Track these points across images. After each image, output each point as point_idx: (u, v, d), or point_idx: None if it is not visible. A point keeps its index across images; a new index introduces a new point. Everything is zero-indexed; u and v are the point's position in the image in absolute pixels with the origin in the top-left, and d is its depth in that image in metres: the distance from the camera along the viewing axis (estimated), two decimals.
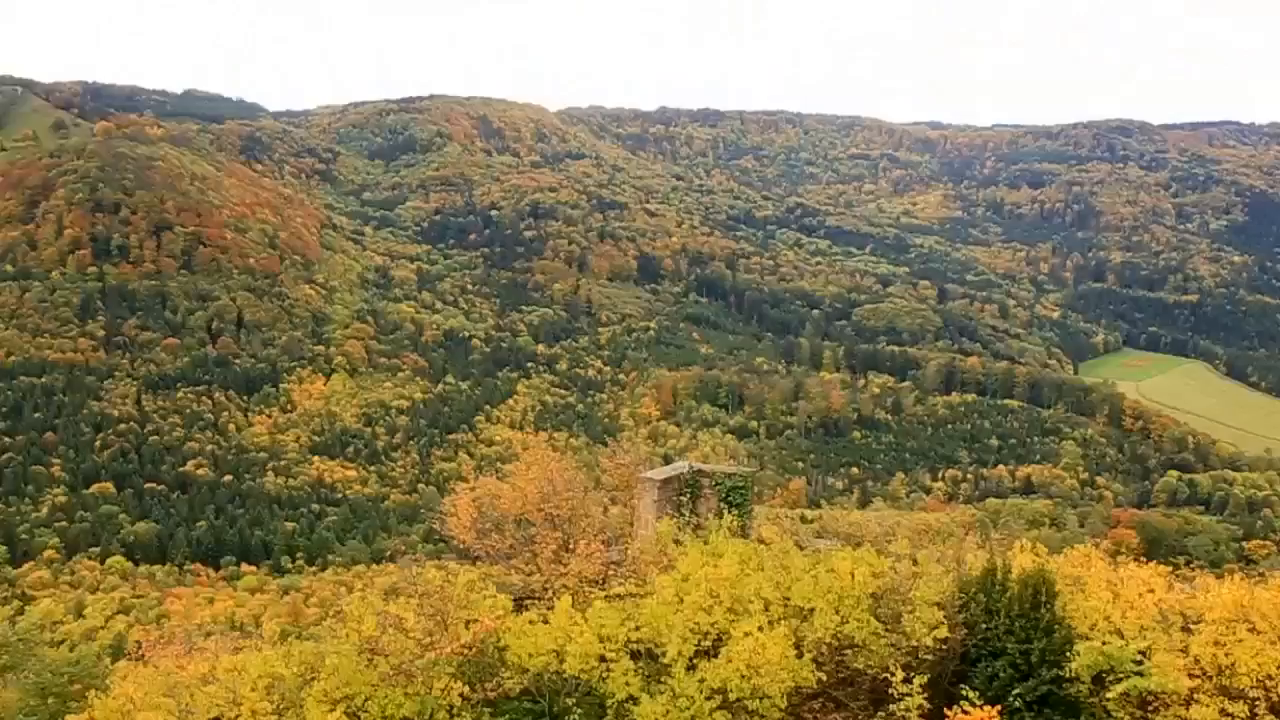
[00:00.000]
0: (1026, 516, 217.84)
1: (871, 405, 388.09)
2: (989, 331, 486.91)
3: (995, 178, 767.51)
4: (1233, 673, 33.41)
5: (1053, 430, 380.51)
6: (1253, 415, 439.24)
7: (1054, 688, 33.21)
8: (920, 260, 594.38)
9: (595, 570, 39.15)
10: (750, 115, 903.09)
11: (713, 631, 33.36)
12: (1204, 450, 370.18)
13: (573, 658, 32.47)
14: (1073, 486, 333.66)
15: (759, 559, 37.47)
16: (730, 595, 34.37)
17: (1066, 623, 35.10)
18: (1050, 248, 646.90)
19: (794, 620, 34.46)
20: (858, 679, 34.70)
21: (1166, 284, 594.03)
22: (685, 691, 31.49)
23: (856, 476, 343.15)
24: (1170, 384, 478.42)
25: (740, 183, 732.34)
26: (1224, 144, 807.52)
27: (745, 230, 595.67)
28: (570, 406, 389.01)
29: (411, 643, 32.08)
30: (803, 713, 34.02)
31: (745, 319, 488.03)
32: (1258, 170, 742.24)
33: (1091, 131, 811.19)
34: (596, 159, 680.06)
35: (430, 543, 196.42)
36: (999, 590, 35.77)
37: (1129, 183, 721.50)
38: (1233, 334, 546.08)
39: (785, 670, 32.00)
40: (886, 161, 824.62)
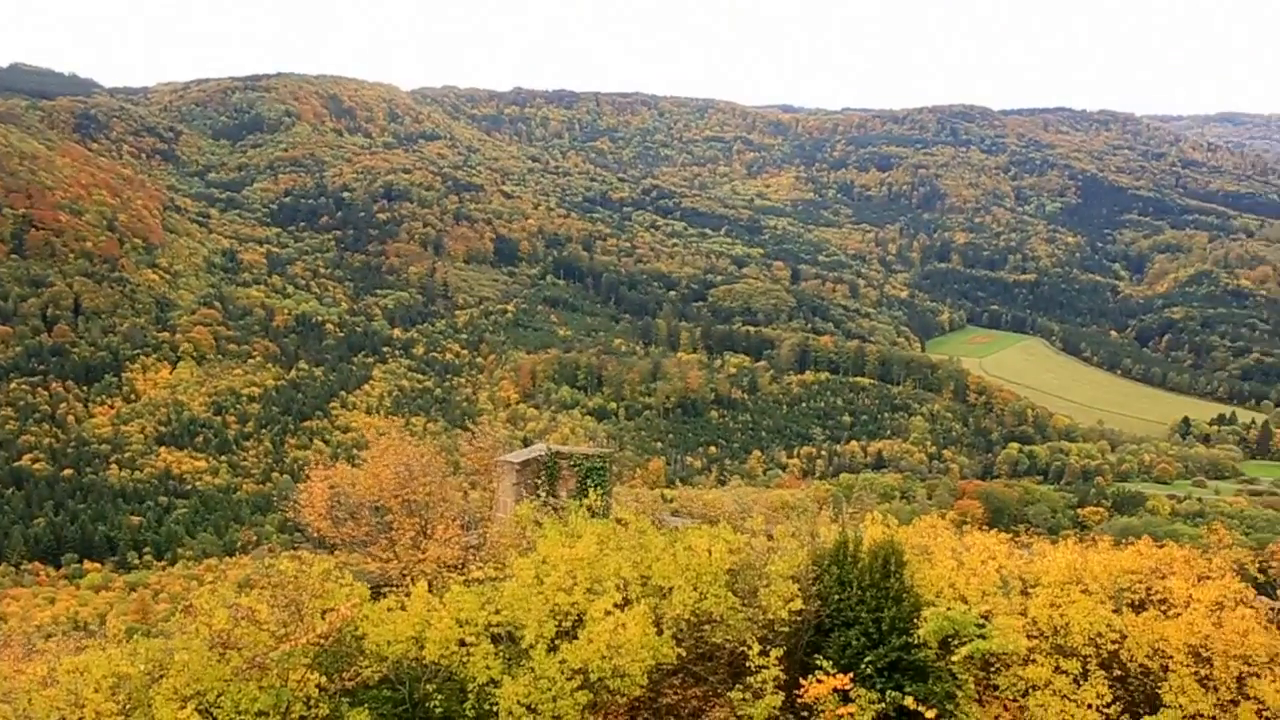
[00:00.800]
0: (878, 490, 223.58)
1: (728, 385, 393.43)
2: (841, 311, 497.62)
3: (845, 160, 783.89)
4: (1067, 632, 35.02)
5: (902, 406, 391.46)
6: (1086, 388, 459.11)
7: (903, 654, 34.22)
8: (774, 241, 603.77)
9: (454, 555, 38.94)
10: (606, 97, 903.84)
11: (573, 612, 33.47)
12: (1042, 423, 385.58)
13: (432, 644, 32.23)
14: (921, 460, 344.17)
15: (618, 539, 37.69)
16: (589, 576, 34.53)
17: (915, 591, 36.20)
18: (898, 229, 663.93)
19: (653, 598, 34.78)
20: (716, 653, 35.22)
21: (1006, 264, 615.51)
22: (546, 673, 31.55)
23: (714, 455, 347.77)
24: (1011, 360, 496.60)
25: (596, 165, 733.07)
26: (1058, 130, 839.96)
27: (602, 212, 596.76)
28: (428, 391, 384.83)
29: (265, 635, 31.38)
30: (663, 689, 34.40)
31: (603, 301, 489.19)
32: (1089, 155, 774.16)
33: (936, 116, 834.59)
34: (451, 140, 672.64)
35: (285, 533, 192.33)
36: (851, 562, 36.67)
37: (971, 166, 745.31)
38: (1067, 311, 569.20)
39: (645, 648, 32.30)
40: (740, 144, 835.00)
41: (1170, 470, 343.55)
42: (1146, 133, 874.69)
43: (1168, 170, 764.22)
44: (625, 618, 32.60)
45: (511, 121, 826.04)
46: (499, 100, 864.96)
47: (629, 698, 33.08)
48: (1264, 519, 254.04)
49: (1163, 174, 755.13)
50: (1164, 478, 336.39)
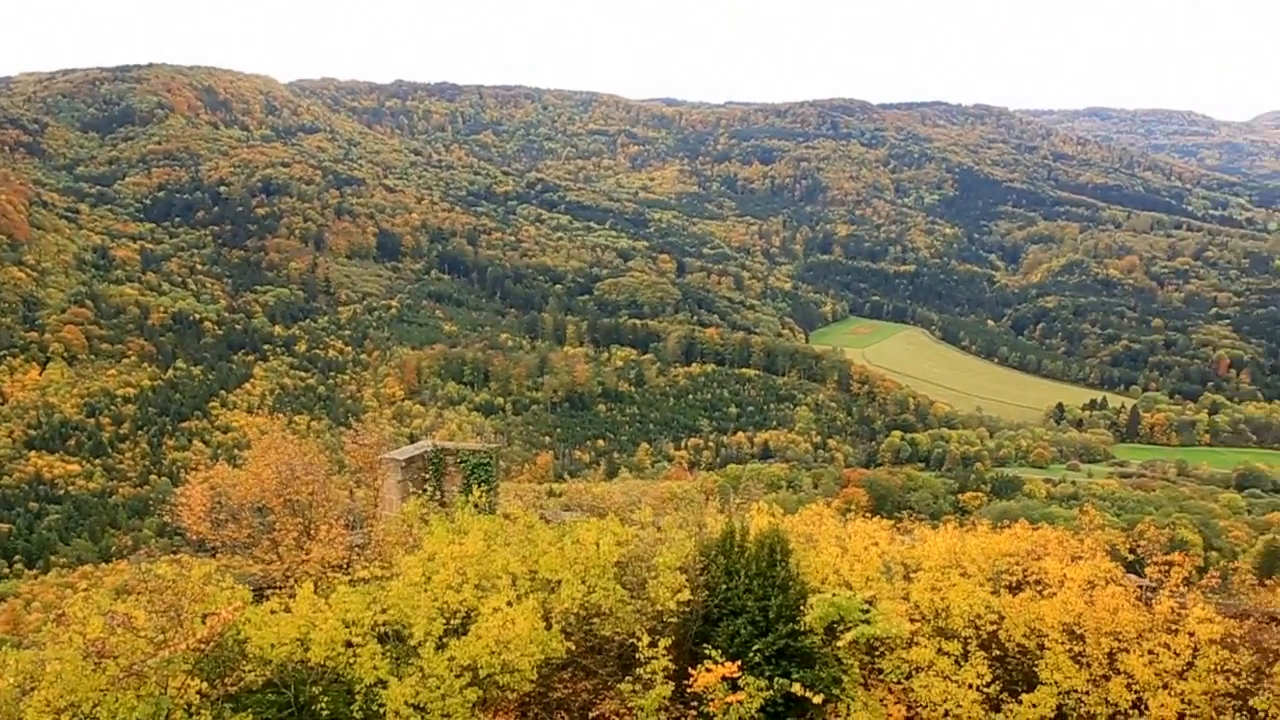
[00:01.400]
0: (765, 480, 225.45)
1: (615, 378, 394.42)
2: (726, 303, 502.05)
3: (729, 153, 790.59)
4: (948, 614, 35.85)
5: (787, 397, 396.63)
6: (965, 376, 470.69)
7: (790, 641, 34.64)
8: (659, 234, 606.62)
9: (339, 555, 38.31)
10: (489, 90, 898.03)
11: (461, 609, 33.22)
12: (923, 411, 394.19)
13: (317, 645, 31.69)
14: (807, 450, 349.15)
15: (505, 534, 37.54)
16: (477, 572, 34.31)
17: (800, 578, 36.67)
18: (781, 221, 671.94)
19: (542, 593, 34.69)
20: (606, 646, 35.27)
21: (887, 255, 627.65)
22: (435, 671, 31.27)
23: (602, 448, 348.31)
24: (892, 349, 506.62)
25: (480, 158, 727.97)
26: (935, 124, 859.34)
27: (486, 206, 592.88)
28: (311, 389, 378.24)
29: (143, 642, 30.51)
30: (553, 683, 34.33)
31: (488, 295, 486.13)
32: (965, 148, 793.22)
33: (817, 110, 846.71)
34: (331, 133, 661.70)
35: (164, 537, 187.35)
36: (738, 552, 36.99)
37: (852, 159, 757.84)
38: (946, 301, 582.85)
39: (534, 643, 32.21)
40: (625, 137, 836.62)
41: (1046, 455, 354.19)
42: (1020, 126, 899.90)
43: (1040, 163, 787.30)
44: (514, 613, 32.47)
45: (393, 114, 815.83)
46: (380, 93, 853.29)
47: (519, 693, 32.97)
48: (1134, 500, 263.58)
49: (1035, 167, 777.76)
50: (1040, 462, 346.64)
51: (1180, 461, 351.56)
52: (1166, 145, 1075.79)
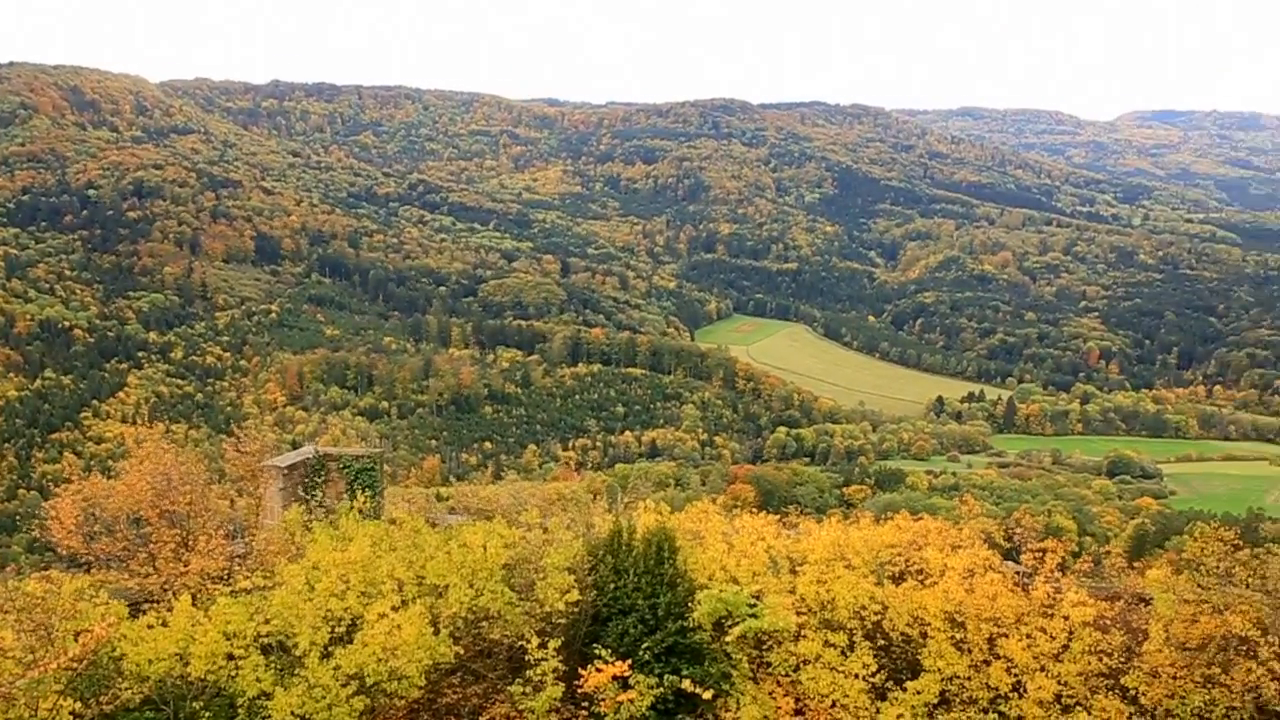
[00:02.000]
0: (653, 479, 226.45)
1: (501, 380, 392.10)
2: (611, 303, 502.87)
3: (611, 154, 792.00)
4: (833, 606, 36.43)
5: (674, 395, 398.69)
6: (847, 372, 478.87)
7: (679, 638, 34.86)
8: (543, 235, 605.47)
9: (219, 566, 37.37)
10: (368, 90, 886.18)
11: (346, 617, 32.72)
12: (808, 406, 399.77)
13: (198, 659, 30.93)
14: (694, 447, 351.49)
15: (391, 540, 37.08)
16: (362, 579, 33.83)
17: (688, 575, 36.92)
18: (665, 221, 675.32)
19: (429, 598, 34.35)
20: (495, 649, 35.07)
21: (769, 253, 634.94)
22: (321, 681, 30.75)
23: (489, 451, 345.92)
24: (776, 346, 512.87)
25: (360, 159, 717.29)
26: (814, 123, 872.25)
27: (367, 208, 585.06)
28: (189, 396, 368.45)
29: (11, 663, 29.40)
30: (442, 688, 34.03)
31: (371, 298, 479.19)
32: (844, 147, 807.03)
33: (699, 110, 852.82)
34: (205, 134, 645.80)
35: (34, 553, 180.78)
36: (625, 551, 37.08)
37: (734, 159, 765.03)
38: (828, 298, 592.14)
39: (422, 649, 31.88)
40: (507, 138, 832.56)
41: (927, 447, 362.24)
42: (896, 126, 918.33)
43: (916, 162, 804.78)
44: (401, 619, 32.10)
45: (270, 115, 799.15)
46: (255, 93, 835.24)
47: (408, 700, 32.62)
48: (1011, 489, 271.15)
49: (912, 165, 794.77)
50: (921, 454, 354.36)
51: (1055, 450, 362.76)
52: (1036, 144, 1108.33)
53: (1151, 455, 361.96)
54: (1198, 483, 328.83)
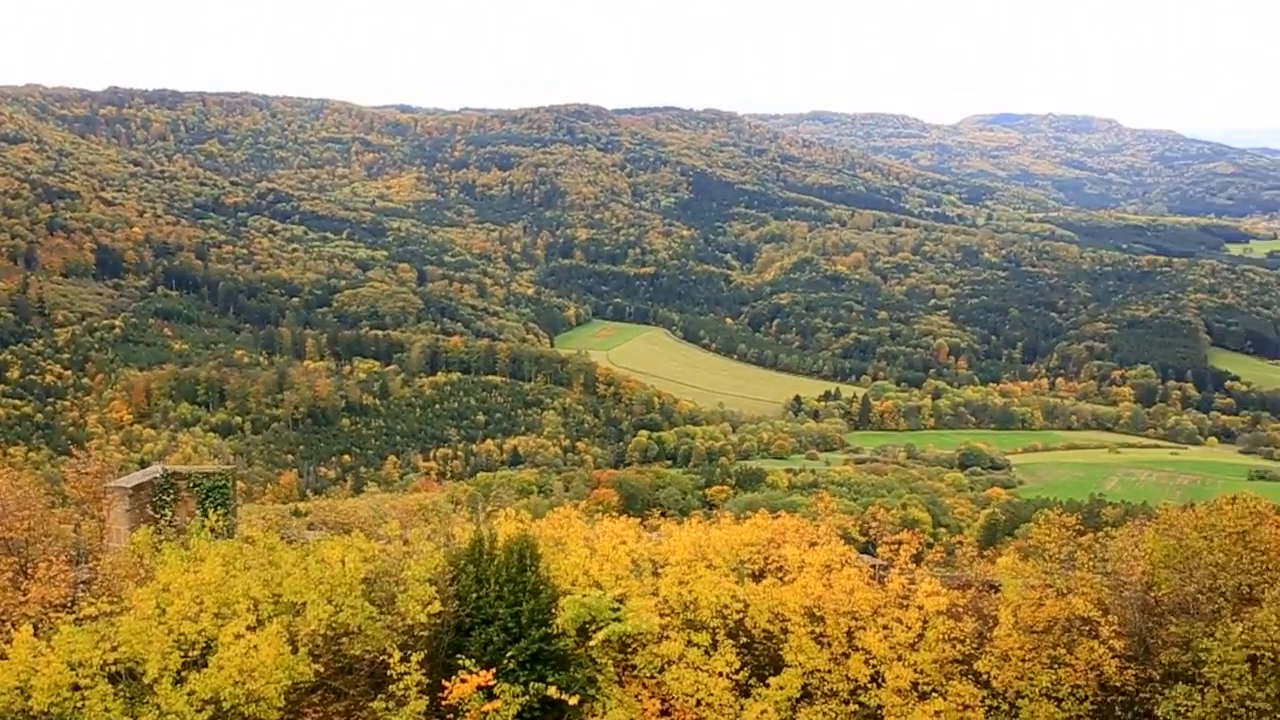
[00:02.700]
0: (516, 487, 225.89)
1: (359, 391, 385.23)
2: (469, 311, 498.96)
3: (466, 160, 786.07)
4: (696, 607, 36.81)
5: (535, 402, 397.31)
6: (706, 374, 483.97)
7: (544, 644, 34.80)
8: (398, 243, 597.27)
9: (61, 593, 35.89)
10: (213, 97, 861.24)
11: (200, 640, 31.81)
12: (669, 409, 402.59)
13: (40, 691, 29.69)
14: (556, 454, 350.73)
15: (245, 558, 36.14)
16: (216, 600, 32.93)
17: (551, 582, 36.87)
18: (522, 227, 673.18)
19: (287, 616, 33.60)
20: (356, 665, 34.49)
21: (627, 258, 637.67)
22: (174, 708, 29.84)
23: (348, 464, 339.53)
24: (636, 350, 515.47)
25: (206, 168, 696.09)
26: (669, 128, 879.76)
27: (215, 218, 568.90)
28: (27, 417, 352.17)
29: None
30: (303, 708, 33.31)
31: (221, 311, 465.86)
32: (698, 152, 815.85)
33: (553, 115, 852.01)
34: (39, 143, 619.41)
35: None
36: (487, 560, 36.87)
37: (589, 164, 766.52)
38: (686, 301, 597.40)
39: (280, 668, 31.19)
40: (359, 145, 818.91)
41: (786, 445, 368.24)
42: (749, 130, 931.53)
43: (769, 165, 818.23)
44: (257, 639, 31.34)
45: (109, 123, 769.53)
46: (93, 100, 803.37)
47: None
48: (868, 484, 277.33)
49: (765, 169, 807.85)
50: (781, 453, 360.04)
51: (909, 445, 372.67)
52: (884, 147, 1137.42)
53: (1000, 447, 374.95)
54: (1043, 472, 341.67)
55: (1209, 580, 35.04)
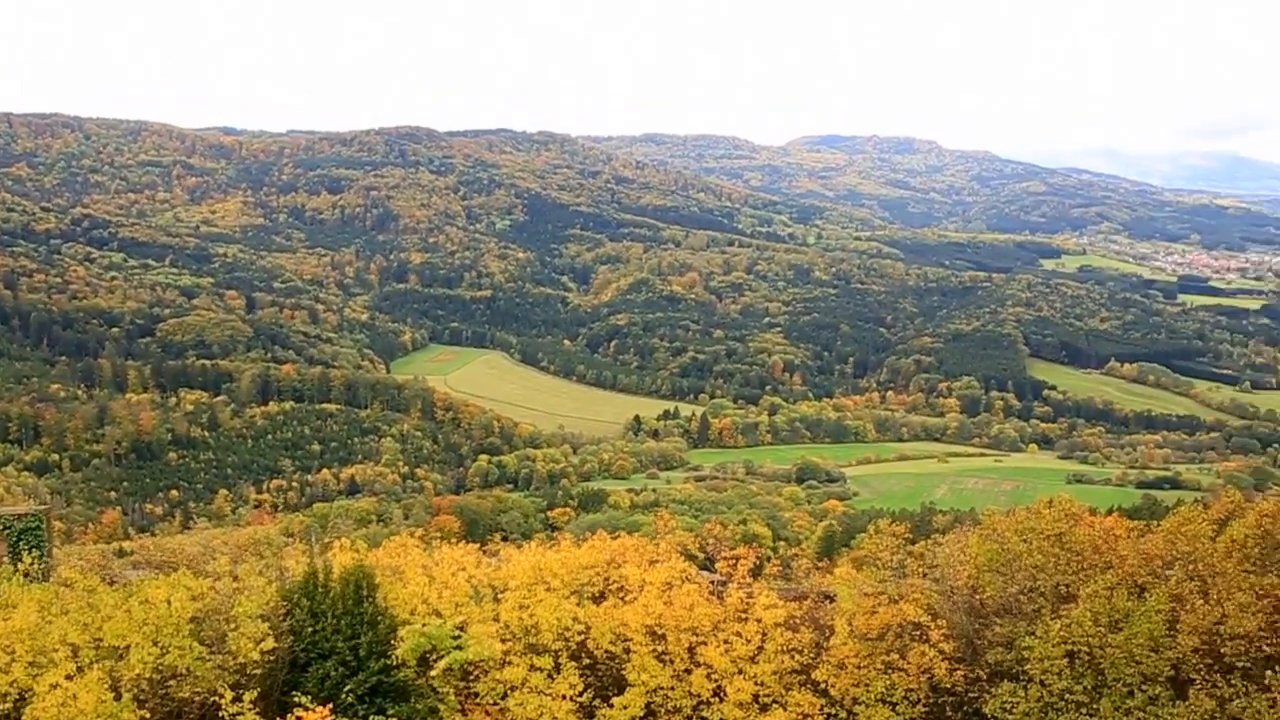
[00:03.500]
0: (354, 516, 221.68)
1: (186, 423, 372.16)
2: (301, 338, 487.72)
3: (295, 184, 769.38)
4: (537, 631, 36.53)
5: (372, 429, 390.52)
6: (546, 396, 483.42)
7: (383, 676, 34.05)
8: (225, 270, 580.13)
9: None
10: (19, 118, 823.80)
11: (13, 691, 30.16)
12: (508, 433, 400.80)
13: None
14: (395, 481, 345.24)
15: (63, 602, 34.41)
16: (30, 648, 31.24)
17: (390, 612, 36.12)
18: (354, 251, 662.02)
19: (109, 661, 32.10)
20: (185, 709, 33.14)
21: (463, 281, 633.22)
22: None
23: (176, 499, 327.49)
24: (474, 374, 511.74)
25: (13, 193, 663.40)
26: (502, 150, 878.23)
27: (24, 245, 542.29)
28: None
29: None
30: None
31: (34, 343, 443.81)
32: (532, 174, 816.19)
33: (384, 138, 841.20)
34: None
35: None
36: (322, 592, 35.93)
37: (422, 187, 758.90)
38: (523, 324, 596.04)
39: (102, 717, 29.79)
40: (181, 169, 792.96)
41: (627, 466, 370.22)
42: (583, 152, 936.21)
43: (604, 187, 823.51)
44: (76, 687, 29.85)
45: None
46: None
47: None
48: (709, 501, 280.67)
49: (599, 191, 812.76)
50: (622, 473, 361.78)
51: (747, 461, 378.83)
52: (716, 168, 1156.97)
53: (835, 460, 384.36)
54: (877, 483, 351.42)
55: (1029, 581, 36.37)
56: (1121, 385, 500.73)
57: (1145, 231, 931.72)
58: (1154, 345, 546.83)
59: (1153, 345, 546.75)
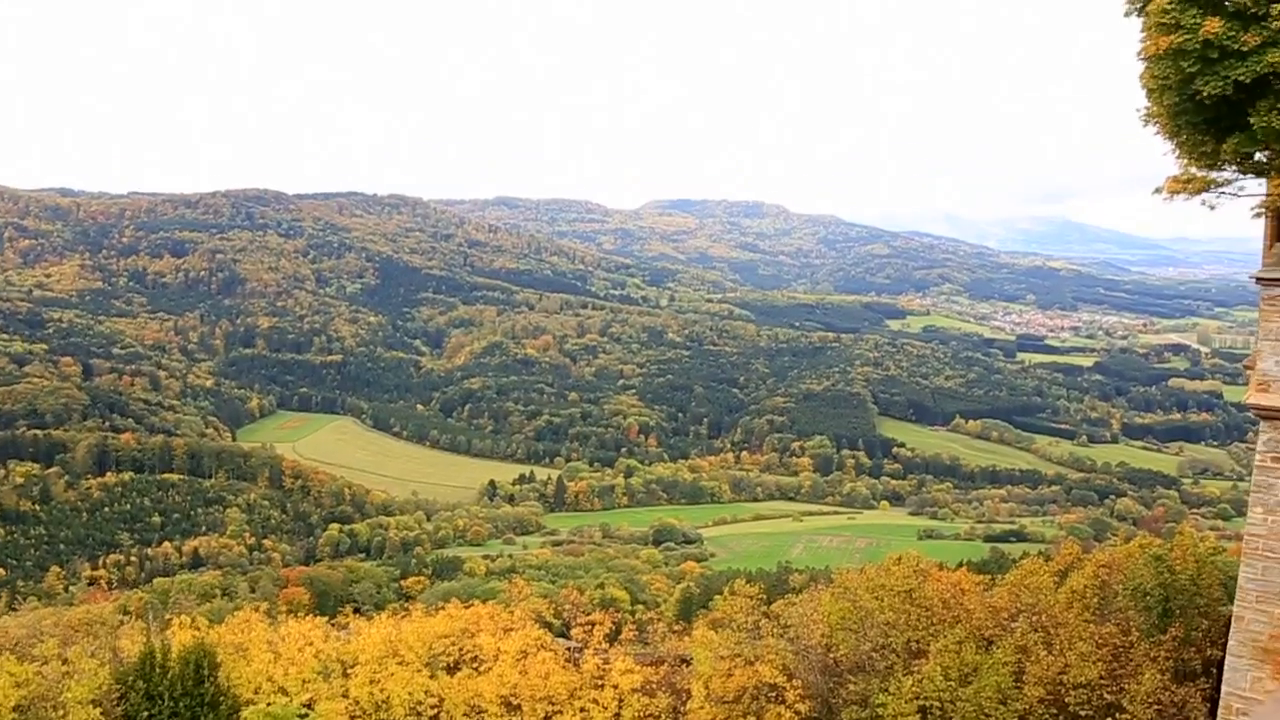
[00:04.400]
0: (197, 591, 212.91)
1: (15, 497, 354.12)
2: (142, 406, 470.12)
3: (136, 246, 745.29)
4: (389, 705, 35.46)
5: (217, 500, 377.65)
6: (399, 462, 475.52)
7: None
8: (59, 335, 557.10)
9: None
10: None
11: None
12: (360, 500, 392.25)
13: None
14: (241, 553, 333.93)
15: None
16: None
17: (232, 692, 34.65)
18: (199, 316, 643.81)
19: None
20: None
21: (312, 346, 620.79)
22: None
23: (2, 578, 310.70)
24: (324, 441, 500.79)
25: None
26: (353, 213, 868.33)
27: None
28: None
29: None
30: None
31: None
32: (384, 237, 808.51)
33: (230, 200, 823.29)
34: None
35: None
36: (160, 673, 34.23)
37: (270, 250, 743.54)
38: (375, 389, 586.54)
39: None
40: (13, 230, 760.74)
41: (482, 532, 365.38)
42: (435, 216, 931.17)
43: (456, 250, 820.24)
44: None
45: None
46: None
47: None
48: (565, 566, 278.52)
49: (452, 254, 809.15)
50: (477, 540, 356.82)
51: (604, 524, 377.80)
52: (569, 232, 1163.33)
53: (692, 521, 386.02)
54: (734, 543, 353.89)
55: (881, 638, 36.79)
56: (967, 441, 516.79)
57: (984, 292, 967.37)
58: (996, 402, 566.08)
59: (995, 402, 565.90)
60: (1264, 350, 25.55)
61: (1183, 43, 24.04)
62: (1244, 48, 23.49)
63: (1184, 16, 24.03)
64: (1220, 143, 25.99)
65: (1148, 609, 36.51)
